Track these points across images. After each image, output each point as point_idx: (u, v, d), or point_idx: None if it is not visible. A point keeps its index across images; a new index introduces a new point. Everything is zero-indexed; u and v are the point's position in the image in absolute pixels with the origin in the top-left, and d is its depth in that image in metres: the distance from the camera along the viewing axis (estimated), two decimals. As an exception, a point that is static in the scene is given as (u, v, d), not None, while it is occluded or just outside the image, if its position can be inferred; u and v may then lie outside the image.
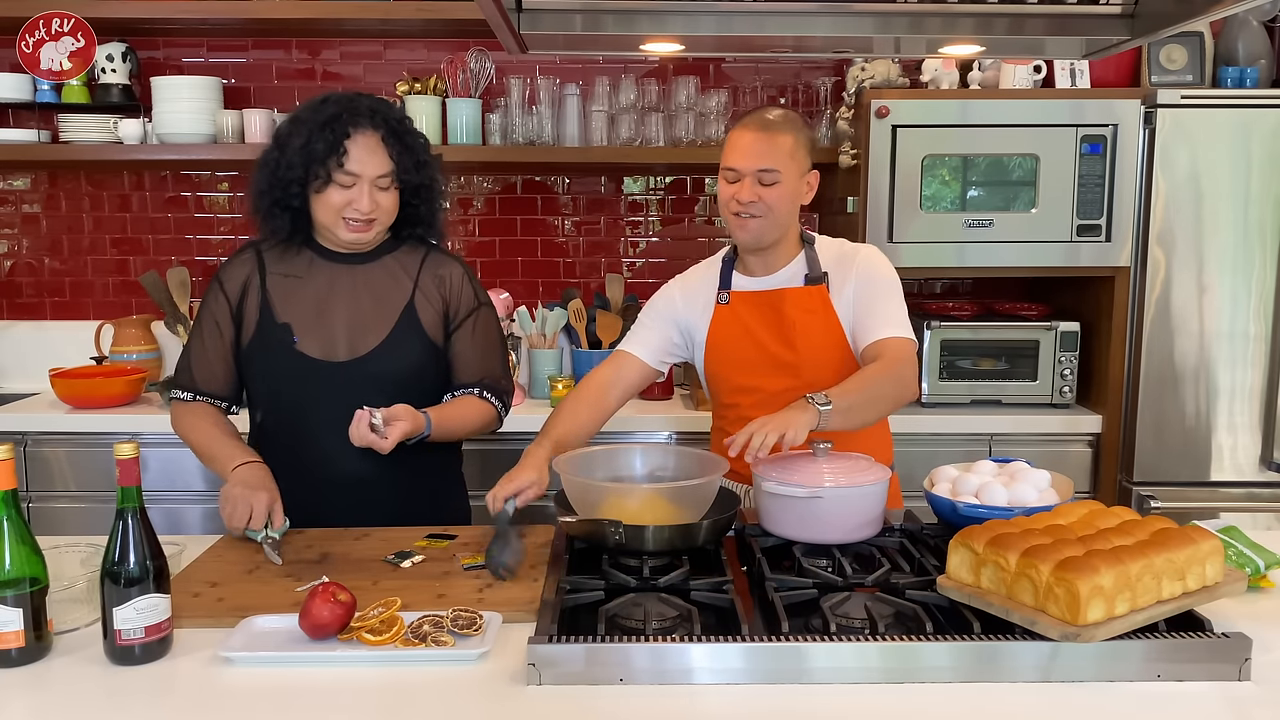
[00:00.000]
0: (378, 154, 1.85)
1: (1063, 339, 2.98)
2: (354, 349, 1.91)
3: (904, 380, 1.84)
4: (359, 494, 1.92)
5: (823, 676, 1.28)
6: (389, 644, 1.35)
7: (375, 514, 1.92)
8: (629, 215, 3.52)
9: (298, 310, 1.92)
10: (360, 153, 1.83)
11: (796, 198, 1.94)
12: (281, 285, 1.93)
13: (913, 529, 1.75)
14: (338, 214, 1.86)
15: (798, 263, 2.00)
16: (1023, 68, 2.94)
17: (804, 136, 1.94)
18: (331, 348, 1.91)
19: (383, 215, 1.90)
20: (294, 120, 1.88)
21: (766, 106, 1.99)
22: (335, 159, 1.82)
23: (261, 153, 1.91)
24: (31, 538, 1.36)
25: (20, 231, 3.47)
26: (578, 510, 1.65)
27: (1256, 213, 2.82)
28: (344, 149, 1.82)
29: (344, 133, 1.83)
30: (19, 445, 2.86)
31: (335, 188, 1.84)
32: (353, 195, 1.85)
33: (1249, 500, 2.91)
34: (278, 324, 1.90)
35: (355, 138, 1.83)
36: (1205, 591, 1.38)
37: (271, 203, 1.88)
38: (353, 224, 1.87)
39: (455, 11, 3.07)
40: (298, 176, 1.84)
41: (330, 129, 1.82)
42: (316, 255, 1.96)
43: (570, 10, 1.64)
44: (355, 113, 1.85)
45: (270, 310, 1.92)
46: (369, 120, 1.85)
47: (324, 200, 1.86)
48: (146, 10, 3.13)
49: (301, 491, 1.88)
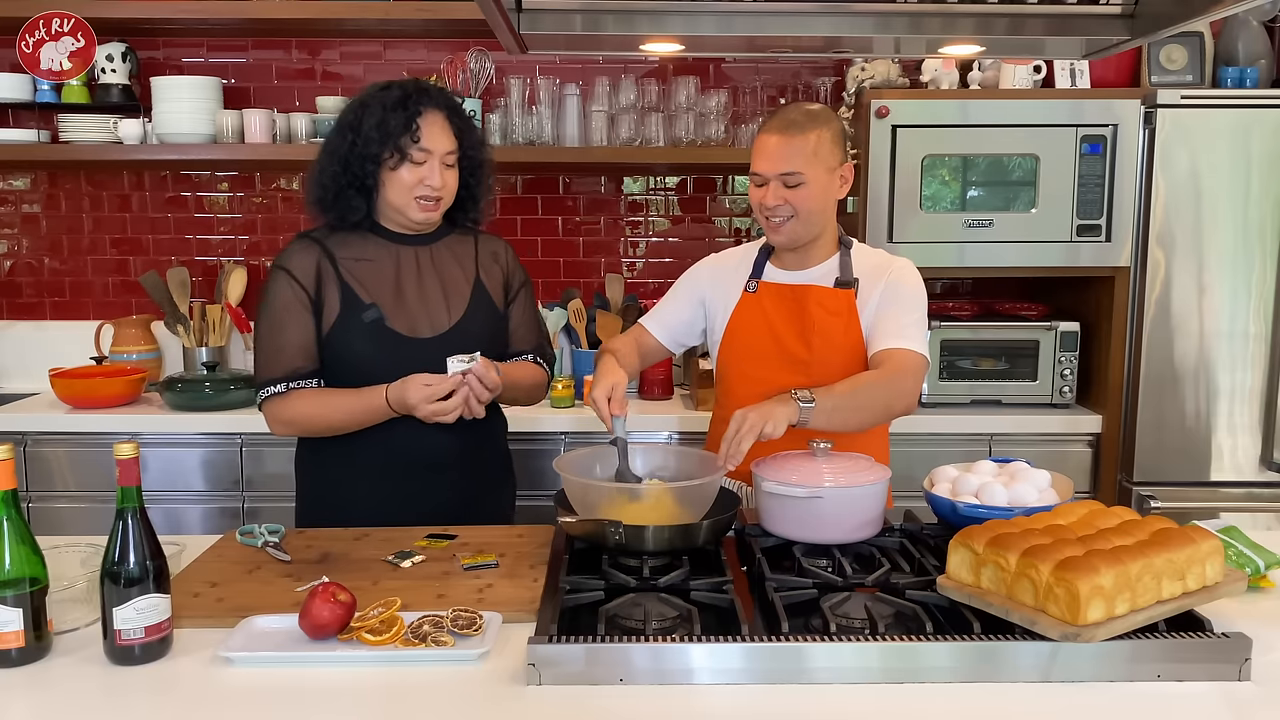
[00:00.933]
0: (446, 131, 1.93)
1: (1063, 339, 2.98)
2: (435, 325, 1.97)
3: (901, 391, 1.84)
4: (429, 477, 1.97)
5: (823, 676, 1.28)
6: (389, 644, 1.35)
7: (437, 502, 1.96)
8: (629, 215, 3.52)
9: (378, 291, 1.95)
10: (431, 130, 1.90)
11: (826, 195, 1.93)
12: (357, 268, 1.96)
13: (913, 529, 1.75)
14: (410, 192, 1.92)
15: (831, 263, 2.00)
16: (1023, 68, 2.94)
17: (830, 132, 1.90)
18: (414, 325, 1.96)
19: (447, 194, 1.96)
20: (361, 105, 1.93)
21: (791, 105, 1.96)
22: (410, 135, 1.88)
23: (325, 142, 1.96)
24: (31, 538, 1.36)
25: (20, 231, 3.47)
26: (578, 510, 1.65)
27: (1256, 213, 2.82)
28: (417, 126, 1.89)
29: (416, 111, 1.89)
30: (19, 445, 2.86)
31: (408, 165, 1.90)
32: (424, 173, 1.91)
33: (1249, 500, 2.91)
34: (365, 304, 1.93)
35: (426, 115, 1.90)
36: (1205, 591, 1.38)
37: (346, 184, 1.93)
38: (424, 202, 1.93)
39: (455, 11, 3.07)
40: (373, 154, 1.89)
41: (403, 107, 1.89)
42: (381, 238, 1.99)
43: (570, 10, 1.64)
44: (423, 92, 1.92)
45: (353, 292, 1.94)
46: (435, 101, 1.93)
47: (397, 179, 1.91)
48: (146, 10, 3.13)
49: (372, 477, 1.95)
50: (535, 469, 2.86)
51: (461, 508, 1.97)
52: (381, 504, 1.94)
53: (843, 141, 1.94)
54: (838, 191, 1.95)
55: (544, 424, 2.89)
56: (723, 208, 3.53)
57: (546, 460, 2.88)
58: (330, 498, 1.99)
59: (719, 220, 3.53)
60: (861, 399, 1.80)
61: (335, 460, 1.98)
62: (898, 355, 1.87)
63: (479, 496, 2.04)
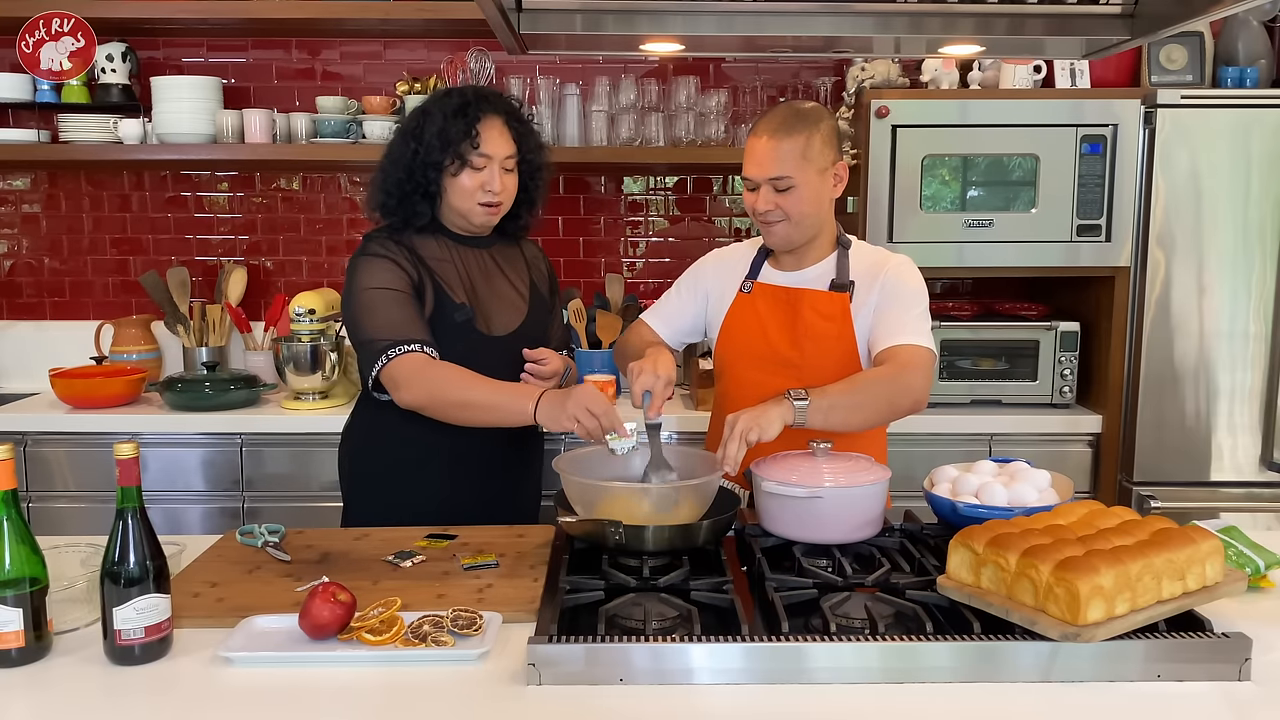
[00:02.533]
0: (505, 136, 1.98)
1: (1063, 339, 2.98)
2: (507, 324, 2.04)
3: (905, 387, 1.80)
4: (478, 475, 2.03)
5: (823, 676, 1.28)
6: (389, 644, 1.35)
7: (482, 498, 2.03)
8: (629, 215, 3.52)
9: (464, 291, 2.00)
10: (491, 134, 1.96)
11: (819, 197, 1.91)
12: (442, 269, 2.01)
13: (913, 529, 1.74)
14: (472, 196, 1.97)
15: (828, 264, 1.98)
16: (1023, 68, 2.94)
17: (821, 132, 1.88)
18: (489, 323, 2.01)
19: (507, 198, 2.02)
20: (423, 113, 1.98)
21: (782, 105, 1.94)
22: (469, 142, 1.94)
23: (388, 149, 2.02)
24: (31, 538, 1.36)
25: (20, 231, 3.47)
26: (579, 510, 1.65)
27: (1256, 213, 2.82)
28: (476, 132, 1.94)
29: (475, 117, 1.95)
30: (19, 445, 2.86)
31: (469, 170, 1.95)
32: (485, 177, 1.96)
33: (1249, 500, 2.91)
34: (456, 304, 1.97)
35: (485, 120, 1.96)
36: (1205, 591, 1.38)
37: (411, 190, 1.97)
38: (486, 208, 1.98)
39: (455, 11, 3.07)
40: (435, 161, 1.94)
41: (463, 114, 1.94)
42: (453, 241, 2.04)
43: (570, 10, 1.64)
44: (482, 99, 1.98)
45: (444, 291, 1.98)
46: (494, 106, 1.98)
47: (458, 184, 1.96)
48: (146, 10, 3.13)
49: (433, 475, 2.01)
50: (535, 469, 2.87)
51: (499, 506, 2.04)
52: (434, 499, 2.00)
53: (835, 140, 1.91)
54: (831, 192, 1.93)
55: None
56: (722, 207, 3.53)
57: (547, 460, 2.89)
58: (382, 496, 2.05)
59: (719, 220, 3.53)
60: (861, 397, 1.77)
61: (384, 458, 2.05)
62: (903, 351, 1.84)
63: (519, 499, 2.13)
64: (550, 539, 1.79)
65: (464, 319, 1.97)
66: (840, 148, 1.94)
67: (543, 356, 2.00)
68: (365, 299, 1.92)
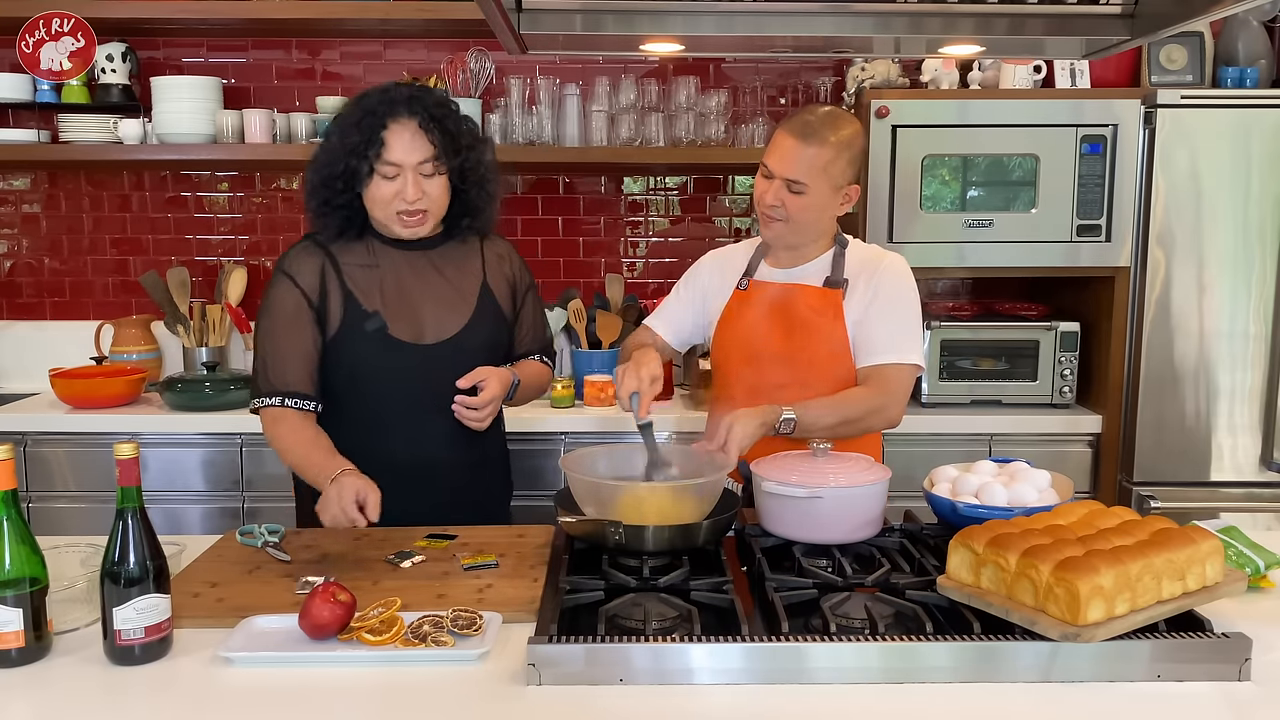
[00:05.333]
0: (417, 140, 1.84)
1: (1063, 339, 2.98)
2: (441, 331, 1.93)
3: (882, 411, 1.90)
4: (423, 483, 1.93)
5: (823, 676, 1.28)
6: (389, 644, 1.35)
7: (433, 504, 1.93)
8: (629, 215, 3.52)
9: (381, 299, 1.92)
10: (398, 141, 1.83)
11: (825, 210, 1.93)
12: (360, 275, 1.93)
13: (913, 529, 1.74)
14: (388, 206, 1.87)
15: (823, 261, 2.00)
16: (1023, 68, 2.94)
17: (849, 152, 1.89)
18: (419, 331, 1.92)
19: (432, 205, 1.89)
20: (337, 118, 1.90)
21: (823, 109, 1.94)
22: (374, 150, 1.82)
23: (311, 158, 1.93)
24: (31, 538, 1.36)
25: (20, 231, 3.47)
26: (581, 508, 1.64)
27: (1256, 213, 2.82)
28: (382, 140, 1.82)
29: (380, 124, 1.83)
30: (19, 445, 2.86)
31: (380, 180, 1.85)
32: (398, 186, 1.84)
33: (1249, 500, 2.91)
34: (367, 313, 1.90)
35: (392, 127, 1.83)
36: (1205, 591, 1.38)
37: (322, 201, 1.90)
38: (405, 218, 1.88)
39: (455, 11, 3.07)
40: (339, 173, 1.85)
41: (366, 121, 1.83)
42: (384, 244, 1.95)
43: (570, 10, 1.64)
44: (391, 103, 1.85)
45: (355, 300, 1.91)
46: (405, 108, 1.84)
47: (372, 194, 1.87)
48: (146, 10, 3.13)
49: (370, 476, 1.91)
50: (535, 469, 2.87)
51: (456, 509, 1.94)
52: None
53: (858, 163, 1.94)
54: (837, 209, 1.96)
55: (544, 424, 2.89)
56: (723, 208, 3.53)
57: (546, 460, 2.90)
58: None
59: (719, 220, 3.53)
60: (840, 419, 1.86)
61: None
62: (886, 373, 1.91)
63: (477, 500, 2.02)
64: (550, 539, 1.79)
65: (374, 327, 1.89)
66: (859, 172, 1.95)
67: (480, 378, 1.87)
68: (260, 327, 1.93)
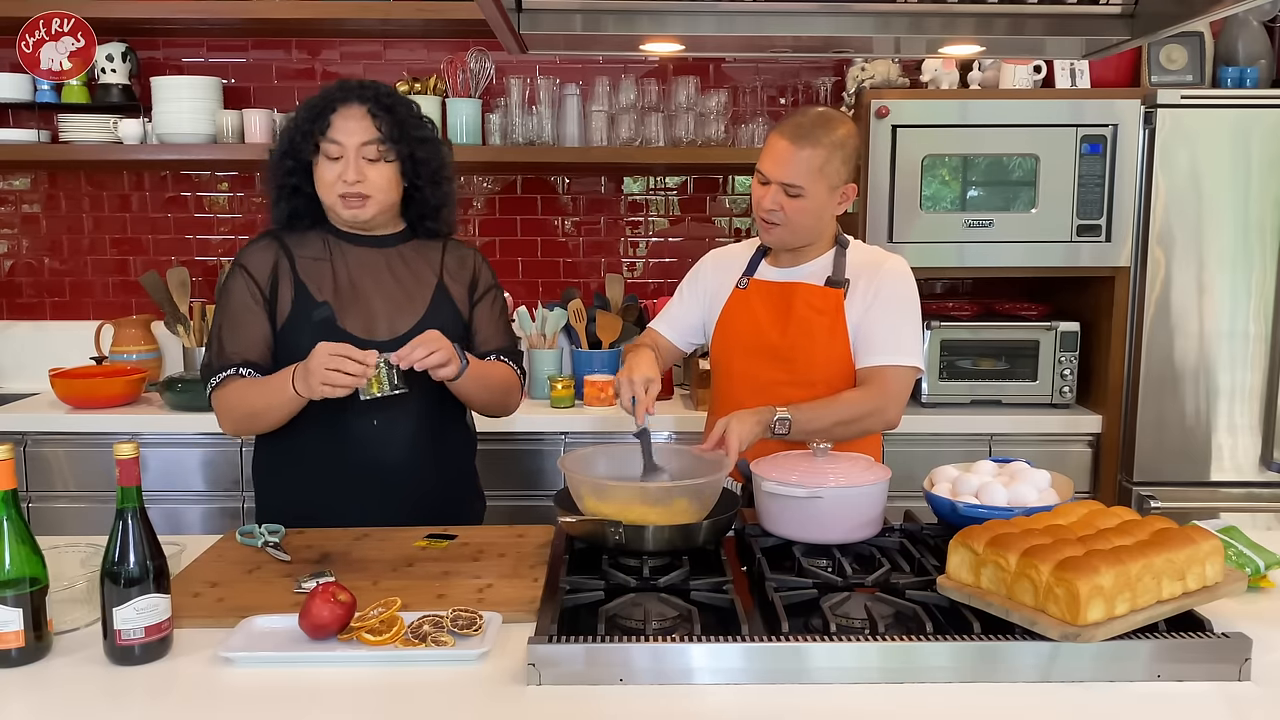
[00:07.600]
0: (362, 123, 1.87)
1: (1063, 339, 2.98)
2: (394, 327, 1.92)
3: (880, 413, 1.91)
4: (382, 483, 1.92)
5: (823, 676, 1.28)
6: (389, 644, 1.35)
7: (395, 506, 1.92)
8: (629, 215, 3.52)
9: (333, 291, 1.92)
10: (343, 122, 1.86)
11: (822, 211, 1.93)
12: (313, 268, 1.93)
13: (913, 529, 1.75)
14: (331, 189, 1.88)
15: (824, 261, 2.00)
16: (1023, 68, 2.94)
17: (842, 151, 1.90)
18: (371, 326, 1.92)
19: (375, 191, 1.89)
20: (297, 107, 1.94)
21: (814, 110, 1.94)
22: (319, 129, 1.86)
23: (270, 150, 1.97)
24: (31, 538, 1.35)
25: (20, 231, 3.47)
26: (580, 507, 1.64)
27: (1256, 213, 2.82)
28: (328, 121, 1.87)
29: (330, 107, 1.88)
30: (19, 445, 2.86)
31: (325, 161, 1.88)
32: (340, 168, 1.87)
33: (1249, 500, 2.91)
34: (317, 303, 1.90)
35: (340, 110, 1.88)
36: (1205, 591, 1.38)
37: (276, 188, 1.92)
38: (348, 199, 1.88)
39: (455, 11, 3.07)
40: (286, 150, 1.89)
41: (317, 103, 1.89)
42: (339, 239, 1.97)
43: (570, 10, 1.64)
44: (344, 89, 1.90)
45: (306, 291, 1.91)
46: (355, 94, 1.89)
47: (319, 176, 1.89)
48: (146, 10, 3.13)
49: (324, 480, 1.91)
50: (535, 469, 2.87)
51: (418, 519, 1.90)
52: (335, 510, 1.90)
53: (853, 161, 1.93)
54: (835, 209, 1.96)
55: (544, 424, 2.88)
56: (723, 208, 3.53)
57: (546, 460, 2.90)
58: (286, 504, 1.94)
59: (719, 220, 3.53)
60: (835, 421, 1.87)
61: (287, 463, 1.95)
62: (885, 374, 1.91)
63: (441, 509, 1.96)
64: (550, 539, 1.79)
65: (322, 317, 1.88)
66: (856, 168, 1.95)
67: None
68: (214, 320, 1.95)
